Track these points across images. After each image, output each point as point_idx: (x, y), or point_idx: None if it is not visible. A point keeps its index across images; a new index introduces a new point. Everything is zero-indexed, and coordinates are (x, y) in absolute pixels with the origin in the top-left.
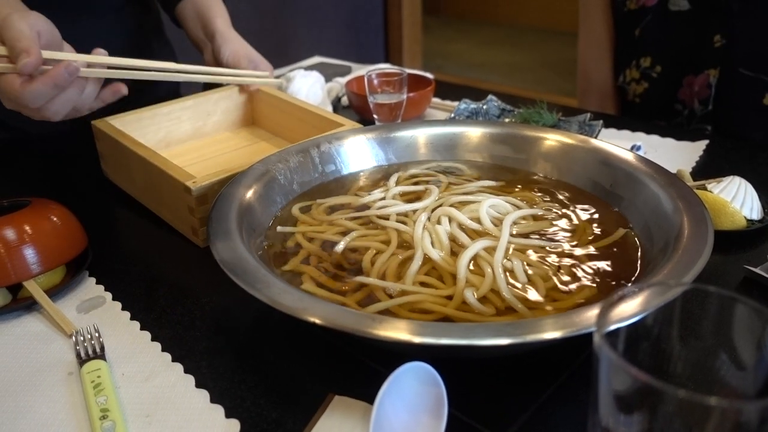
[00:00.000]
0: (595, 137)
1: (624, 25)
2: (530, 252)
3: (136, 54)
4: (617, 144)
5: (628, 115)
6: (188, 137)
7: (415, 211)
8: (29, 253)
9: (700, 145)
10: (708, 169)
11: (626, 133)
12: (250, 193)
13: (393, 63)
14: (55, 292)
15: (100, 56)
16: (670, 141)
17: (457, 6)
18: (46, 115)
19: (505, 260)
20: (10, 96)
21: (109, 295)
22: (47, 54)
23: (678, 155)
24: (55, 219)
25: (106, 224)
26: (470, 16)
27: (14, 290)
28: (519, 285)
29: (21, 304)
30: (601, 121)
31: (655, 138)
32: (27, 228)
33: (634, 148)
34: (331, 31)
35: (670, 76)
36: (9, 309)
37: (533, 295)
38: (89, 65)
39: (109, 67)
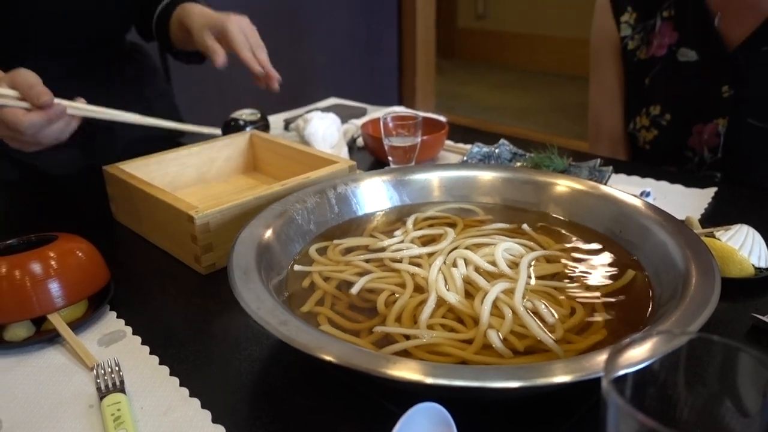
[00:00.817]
0: (605, 183)
1: (634, 74)
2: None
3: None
4: (626, 190)
5: (639, 161)
6: (193, 182)
7: (430, 255)
8: (54, 287)
9: (709, 192)
10: (716, 216)
11: (636, 179)
12: (268, 233)
13: (406, 103)
14: (78, 326)
15: (80, 103)
16: (679, 187)
17: (471, 49)
18: (38, 141)
19: (524, 301)
20: (11, 124)
21: (129, 330)
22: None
23: (687, 202)
24: (80, 254)
25: (124, 260)
26: (483, 60)
27: (38, 323)
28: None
29: (44, 336)
30: (611, 167)
31: (664, 184)
32: (53, 262)
33: (644, 195)
34: (346, 71)
35: (680, 124)
36: (33, 341)
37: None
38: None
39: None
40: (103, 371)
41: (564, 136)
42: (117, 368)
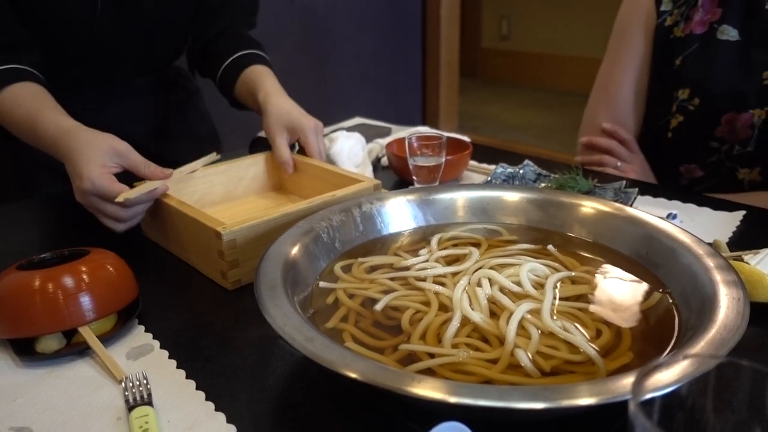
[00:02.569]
0: (631, 205)
1: (666, 55)
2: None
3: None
4: (653, 212)
5: (659, 153)
6: (220, 200)
7: (454, 274)
8: (85, 301)
9: (737, 216)
10: (745, 239)
11: (662, 201)
12: (294, 250)
13: (430, 123)
14: (107, 339)
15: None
16: (706, 210)
17: (494, 69)
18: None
19: (555, 320)
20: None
21: (157, 343)
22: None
23: (714, 225)
24: (110, 269)
25: (152, 274)
26: (506, 80)
27: (69, 335)
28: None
29: (75, 348)
30: (636, 189)
31: (691, 207)
32: (85, 277)
33: (670, 217)
34: (371, 91)
35: (709, 111)
36: (63, 353)
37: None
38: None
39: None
40: (131, 384)
41: None
42: (145, 381)
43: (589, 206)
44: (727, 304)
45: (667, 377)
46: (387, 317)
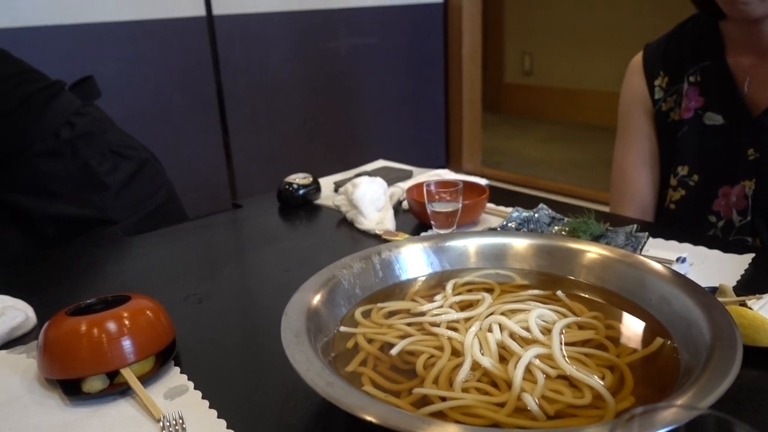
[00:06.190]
0: (641, 248)
1: (667, 135)
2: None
3: None
4: (663, 255)
5: (662, 224)
6: None
7: (467, 320)
8: (127, 344)
9: (746, 259)
10: (753, 283)
11: (673, 243)
12: (317, 298)
13: (453, 159)
14: (146, 379)
15: None
16: (716, 253)
17: (517, 104)
18: None
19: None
20: None
21: (191, 384)
22: None
23: (723, 267)
24: (149, 314)
25: (187, 318)
26: (529, 114)
27: (111, 376)
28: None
29: (117, 389)
30: (647, 233)
31: (701, 249)
32: (126, 322)
33: (680, 260)
34: (394, 129)
35: (707, 185)
36: (107, 393)
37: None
38: None
39: None
40: (168, 423)
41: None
42: (181, 421)
43: (595, 252)
44: (721, 353)
45: (641, 427)
46: (403, 361)
